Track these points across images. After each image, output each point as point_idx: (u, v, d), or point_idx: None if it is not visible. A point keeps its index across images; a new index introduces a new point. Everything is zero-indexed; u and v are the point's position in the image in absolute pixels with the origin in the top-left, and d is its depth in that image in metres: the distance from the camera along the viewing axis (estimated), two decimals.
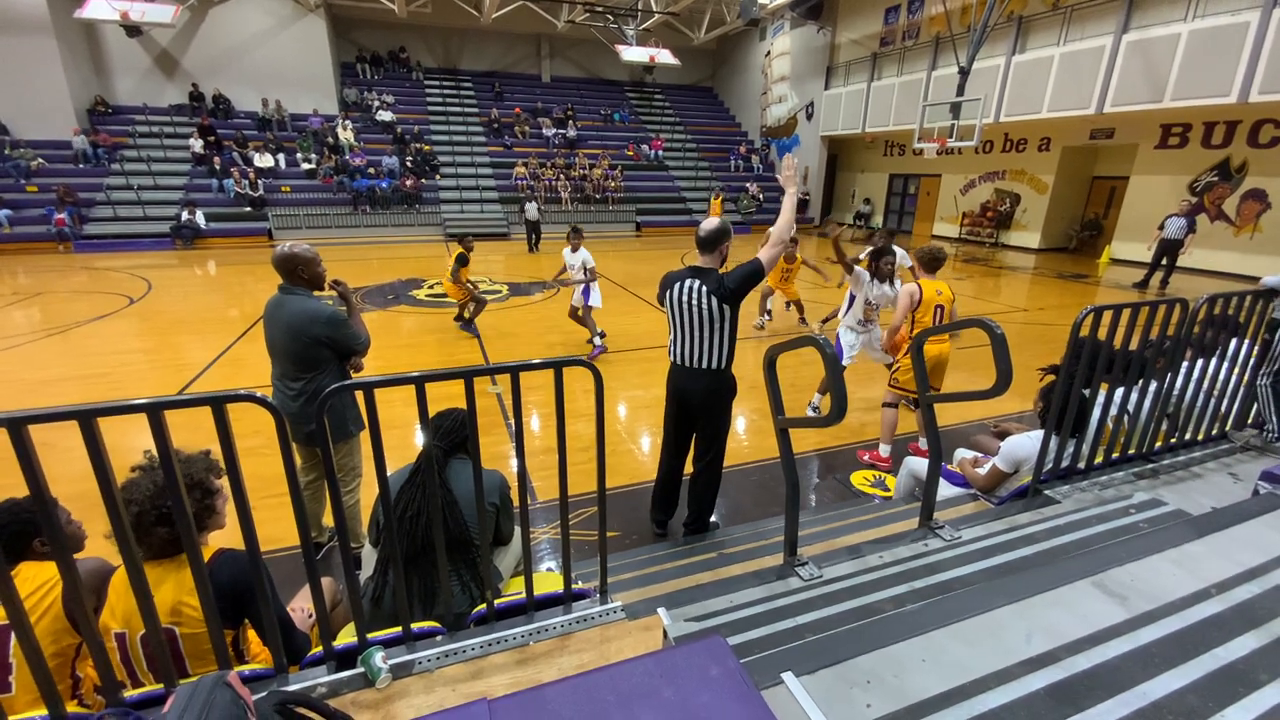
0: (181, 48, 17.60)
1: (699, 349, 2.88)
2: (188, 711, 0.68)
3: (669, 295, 2.92)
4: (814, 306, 8.93)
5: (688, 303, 2.82)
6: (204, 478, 1.57)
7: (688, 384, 2.96)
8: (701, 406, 2.99)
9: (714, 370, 2.90)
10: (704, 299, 2.78)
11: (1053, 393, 2.36)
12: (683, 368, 2.96)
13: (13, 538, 1.57)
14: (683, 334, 2.90)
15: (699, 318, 2.81)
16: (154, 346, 7.06)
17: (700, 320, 2.81)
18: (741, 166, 21.86)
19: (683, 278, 2.86)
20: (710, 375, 2.91)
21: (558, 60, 23.80)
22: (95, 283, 10.40)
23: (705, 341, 2.85)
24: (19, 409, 1.09)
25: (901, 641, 1.25)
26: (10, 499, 1.61)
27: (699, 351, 2.88)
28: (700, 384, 2.93)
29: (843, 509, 3.58)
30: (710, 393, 2.94)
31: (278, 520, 2.21)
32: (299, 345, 2.69)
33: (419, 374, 1.39)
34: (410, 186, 16.84)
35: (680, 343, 2.93)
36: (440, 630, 1.65)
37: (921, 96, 15.11)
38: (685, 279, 2.85)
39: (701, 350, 2.88)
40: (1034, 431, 2.59)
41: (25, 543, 1.61)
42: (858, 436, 4.59)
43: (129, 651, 1.48)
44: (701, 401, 2.97)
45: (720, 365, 2.89)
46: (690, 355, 2.91)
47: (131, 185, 15.09)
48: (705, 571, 2.36)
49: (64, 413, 1.12)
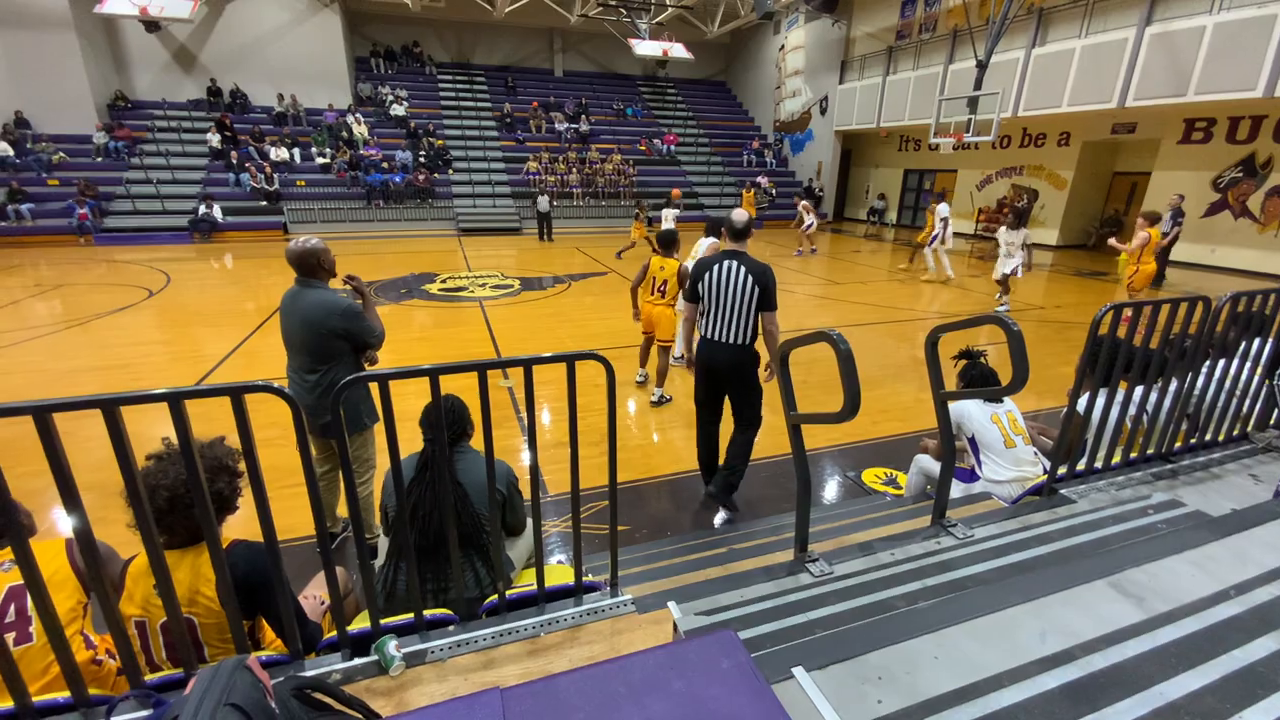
0: (199, 43, 17.79)
1: (731, 324, 3.20)
2: (209, 692, 0.70)
3: (707, 276, 3.21)
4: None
5: (728, 280, 3.15)
6: (229, 462, 1.60)
7: (718, 355, 3.28)
8: (729, 377, 3.33)
9: (741, 345, 3.22)
10: (743, 278, 3.12)
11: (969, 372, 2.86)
12: (714, 342, 3.27)
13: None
14: (719, 310, 3.21)
15: (735, 295, 3.14)
16: (172, 338, 7.18)
17: (736, 297, 3.14)
18: (754, 161, 21.73)
19: (719, 260, 3.19)
20: (737, 349, 3.23)
21: (570, 55, 23.76)
22: (115, 275, 10.58)
23: (738, 318, 3.17)
24: (44, 398, 1.12)
25: (914, 638, 1.25)
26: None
27: (730, 327, 3.20)
28: (728, 356, 3.25)
29: (854, 506, 3.57)
30: (738, 364, 3.28)
31: (291, 510, 2.24)
32: (316, 337, 2.72)
33: (432, 366, 1.40)
34: (423, 181, 16.93)
35: (714, 319, 3.24)
36: (453, 618, 1.66)
37: (938, 90, 14.92)
38: (723, 260, 3.18)
39: (733, 325, 3.19)
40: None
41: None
42: (870, 434, 4.56)
43: (149, 639, 1.51)
44: (729, 373, 3.31)
45: (747, 341, 3.22)
46: (722, 330, 3.22)
47: (150, 179, 15.30)
48: (715, 566, 2.36)
49: (88, 401, 1.14)
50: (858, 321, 8.02)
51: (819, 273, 11.78)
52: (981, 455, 2.84)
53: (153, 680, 1.39)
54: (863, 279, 11.21)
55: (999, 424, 2.83)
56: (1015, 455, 2.80)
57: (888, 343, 7.17)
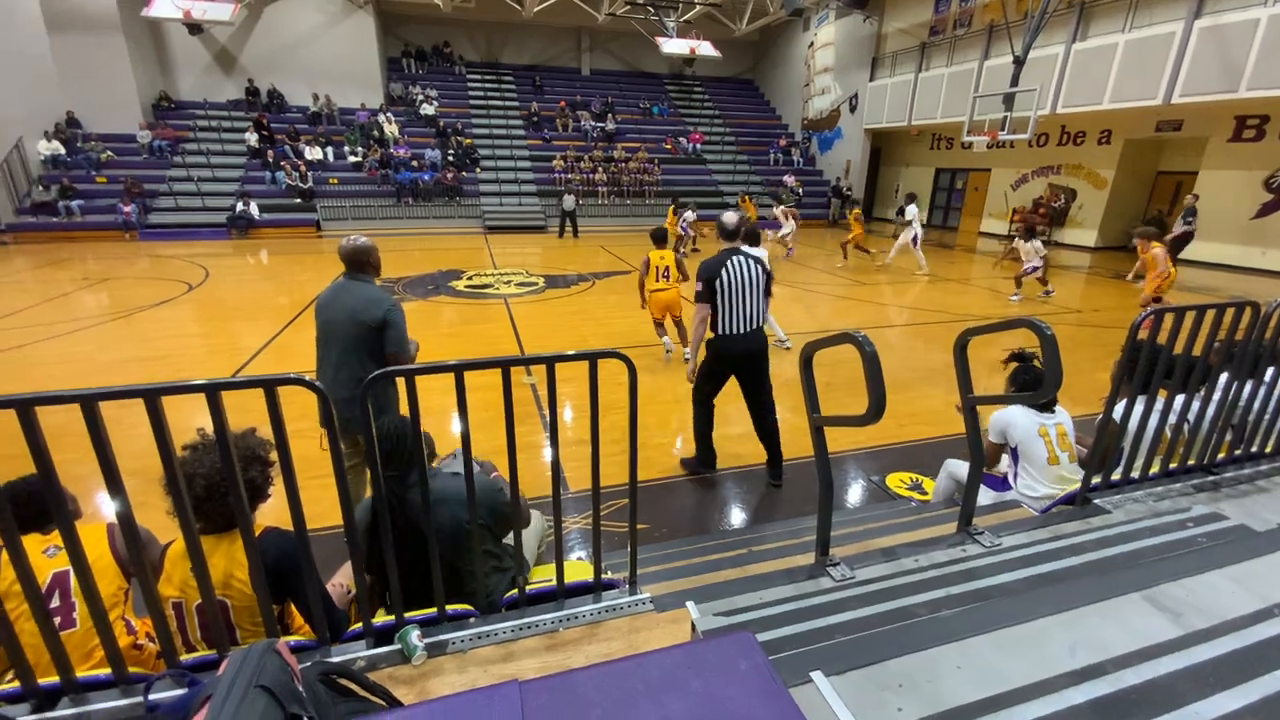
0: (239, 45, 18.32)
1: (752, 312, 3.54)
2: (241, 674, 0.72)
3: (723, 274, 3.47)
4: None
5: (742, 273, 3.49)
6: (261, 452, 1.65)
7: (743, 345, 3.56)
8: (756, 363, 3.64)
9: (760, 330, 3.62)
10: (754, 268, 3.53)
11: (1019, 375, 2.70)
12: (736, 335, 3.53)
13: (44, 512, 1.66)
14: (740, 302, 3.50)
15: (751, 285, 3.51)
16: (209, 331, 7.42)
17: (751, 286, 3.51)
18: (780, 160, 21.50)
19: (726, 257, 3.51)
20: (759, 334, 3.62)
21: (597, 53, 23.82)
22: (157, 270, 10.98)
23: (754, 305, 3.54)
24: (90, 387, 1.17)
25: (936, 646, 1.23)
26: (23, 478, 1.62)
27: (752, 314, 3.54)
28: (754, 343, 3.60)
29: (877, 510, 3.52)
30: (762, 349, 3.64)
31: (318, 500, 2.30)
32: (360, 329, 2.80)
33: (458, 362, 1.42)
34: (451, 179, 17.17)
35: (735, 312, 3.51)
36: (473, 613, 1.69)
37: (972, 87, 14.55)
38: (735, 256, 3.52)
39: (753, 313, 3.55)
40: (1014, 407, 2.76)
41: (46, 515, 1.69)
42: (895, 438, 4.48)
43: (185, 620, 1.57)
44: (756, 358, 3.62)
45: (762, 323, 3.64)
46: (743, 322, 3.52)
47: (191, 177, 15.83)
48: (734, 568, 2.35)
49: (131, 391, 1.19)
50: (884, 323, 7.89)
51: (844, 273, 11.62)
52: (1020, 467, 2.70)
53: (188, 660, 1.44)
54: (890, 279, 11.02)
55: (1046, 437, 2.66)
56: (1057, 473, 2.63)
57: (916, 345, 7.04)
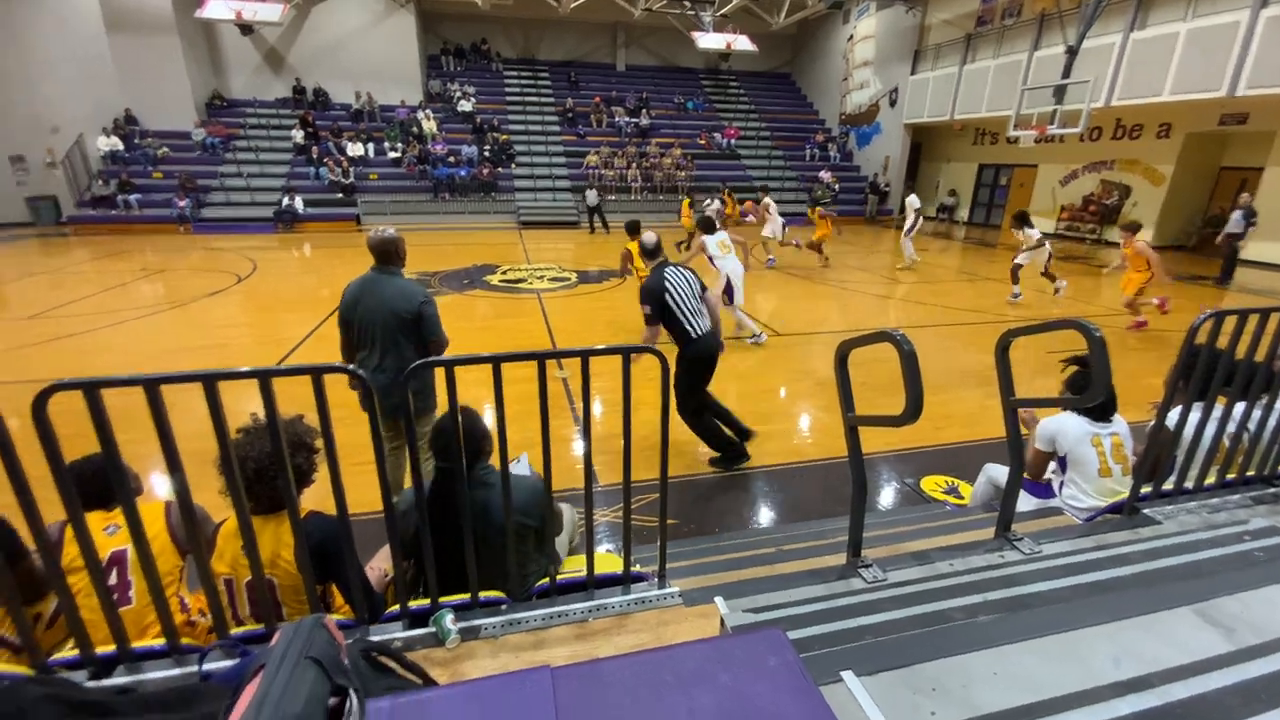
0: (287, 45, 18.93)
1: (703, 314, 3.82)
2: (292, 645, 0.76)
3: (669, 287, 3.73)
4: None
5: (686, 282, 3.81)
6: (308, 439, 1.72)
7: (714, 342, 3.83)
8: (717, 355, 3.88)
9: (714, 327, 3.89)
10: (690, 276, 3.87)
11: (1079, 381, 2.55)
12: (704, 336, 3.78)
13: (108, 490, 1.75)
14: (692, 308, 3.77)
15: (693, 291, 3.82)
16: (256, 321, 7.72)
17: (694, 291, 3.82)
18: (817, 155, 21.14)
19: (662, 272, 3.80)
20: (716, 329, 3.88)
21: (633, 49, 23.80)
22: (209, 262, 11.46)
23: (701, 305, 3.82)
24: (152, 372, 1.24)
25: (972, 652, 1.20)
26: (87, 457, 1.67)
27: (705, 316, 3.83)
28: (718, 338, 3.87)
29: (910, 513, 3.45)
30: (721, 342, 3.92)
31: (357, 486, 2.37)
32: (396, 319, 2.91)
33: (495, 355, 1.45)
34: (487, 175, 17.42)
35: (692, 317, 3.77)
36: (505, 600, 1.73)
37: (1021, 79, 14.02)
38: (667, 268, 3.84)
39: (705, 314, 3.83)
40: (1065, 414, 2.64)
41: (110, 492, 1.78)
42: (931, 440, 4.38)
43: (235, 596, 1.65)
44: (718, 351, 3.87)
45: (712, 323, 3.90)
46: (701, 322, 3.79)
47: (241, 173, 16.45)
48: (762, 565, 2.34)
49: (190, 376, 1.25)
50: (922, 322, 7.70)
51: (881, 271, 11.37)
52: (1068, 477, 2.59)
53: (237, 634, 1.51)
54: (928, 278, 10.74)
55: (1098, 448, 2.53)
56: (1108, 485, 2.51)
57: (955, 345, 6.85)
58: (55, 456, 1.22)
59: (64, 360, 5.94)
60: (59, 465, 1.23)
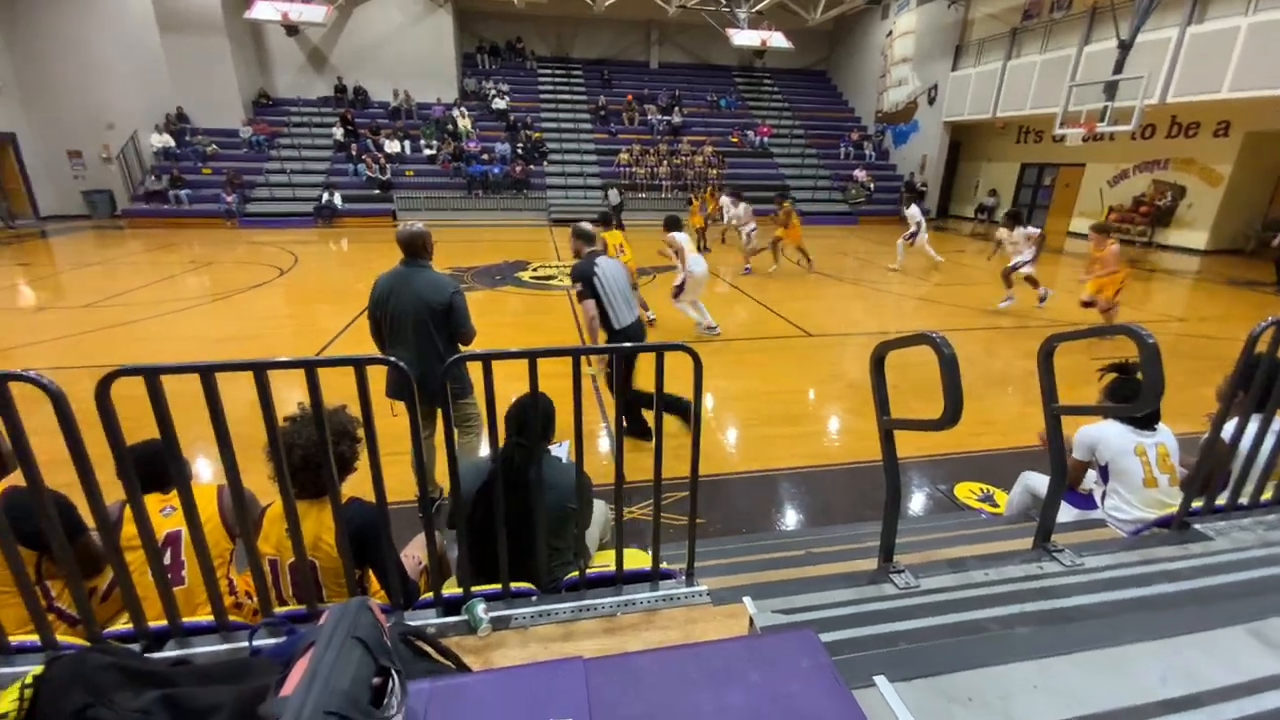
0: (330, 45, 19.45)
1: (630, 303, 3.96)
2: (340, 625, 0.79)
3: (598, 272, 3.83)
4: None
5: (615, 271, 3.92)
6: (350, 428, 1.77)
7: (638, 330, 4.01)
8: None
9: (639, 317, 4.06)
10: (621, 266, 4.04)
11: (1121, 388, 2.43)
12: (631, 324, 3.94)
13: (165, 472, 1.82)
14: (621, 296, 3.90)
15: (624, 280, 3.96)
16: (297, 313, 7.96)
17: (625, 282, 3.97)
18: (852, 154, 20.77)
19: (594, 260, 3.88)
20: (640, 320, 4.07)
21: (666, 46, 23.74)
22: (253, 255, 11.87)
23: (630, 297, 3.98)
24: (204, 360, 1.29)
25: (1010, 663, 1.17)
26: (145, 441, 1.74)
27: (631, 305, 3.96)
28: (641, 328, 4.07)
29: (944, 520, 3.38)
30: (644, 331, 4.16)
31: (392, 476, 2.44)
32: (428, 310, 2.98)
33: (530, 350, 1.47)
34: (519, 172, 17.61)
35: (621, 305, 3.89)
36: (534, 591, 1.75)
37: (1069, 75, 13.52)
38: (600, 258, 3.92)
39: (632, 303, 3.98)
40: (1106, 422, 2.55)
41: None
42: (967, 446, 4.28)
43: (279, 576, 1.71)
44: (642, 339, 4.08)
45: (638, 312, 4.08)
46: (630, 310, 3.94)
47: (284, 169, 16.97)
48: (791, 567, 2.33)
49: (242, 364, 1.30)
50: (960, 326, 7.51)
51: (917, 273, 11.12)
52: (1110, 487, 2.49)
53: (280, 613, 1.57)
54: (966, 281, 10.47)
55: (1143, 457, 2.44)
56: (1154, 496, 2.41)
57: (993, 350, 6.67)
58: (116, 439, 1.29)
59: (117, 347, 6.22)
60: (120, 447, 1.30)
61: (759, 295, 8.97)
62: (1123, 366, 2.58)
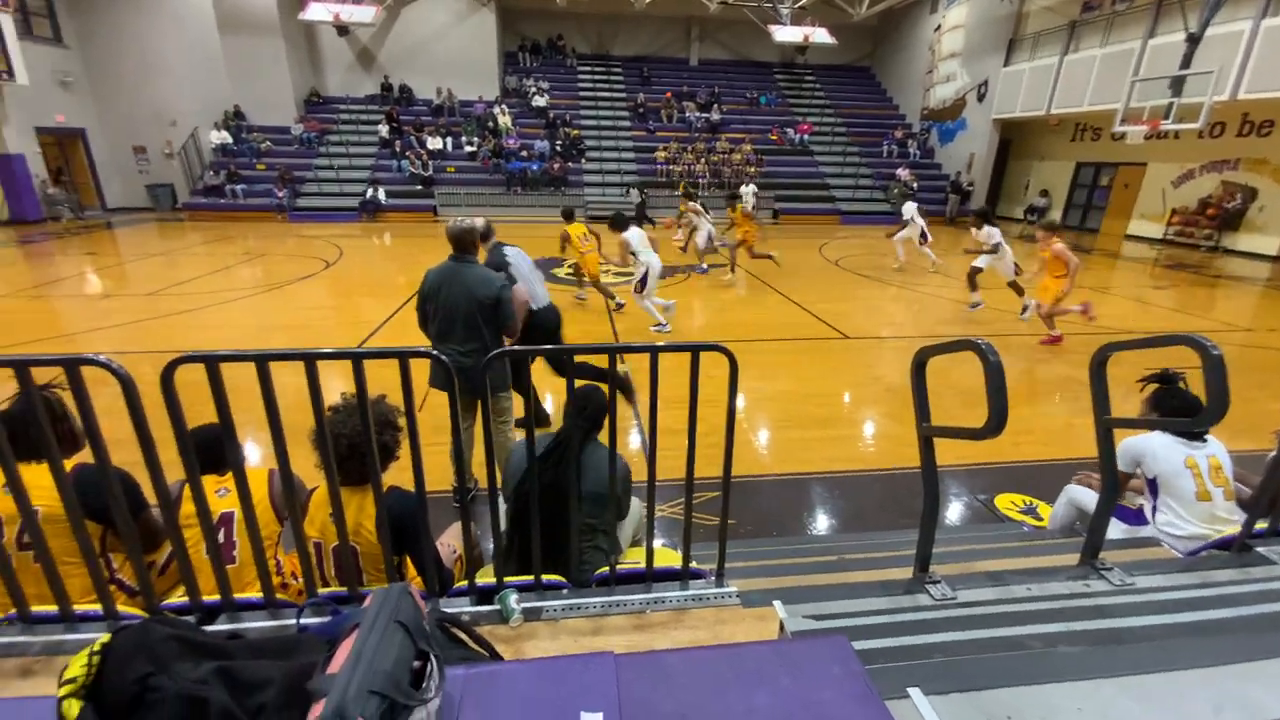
0: (378, 44, 19.99)
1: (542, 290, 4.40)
2: (383, 609, 0.82)
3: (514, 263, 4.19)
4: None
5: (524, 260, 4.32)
6: (392, 418, 1.83)
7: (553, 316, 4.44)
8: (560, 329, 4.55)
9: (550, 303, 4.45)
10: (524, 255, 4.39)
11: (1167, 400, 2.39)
12: (544, 309, 4.31)
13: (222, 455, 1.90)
14: (535, 279, 4.33)
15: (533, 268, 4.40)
16: (341, 305, 8.22)
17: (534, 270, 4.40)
18: (895, 152, 20.25)
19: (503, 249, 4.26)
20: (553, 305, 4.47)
21: (707, 43, 23.57)
22: (302, 248, 12.30)
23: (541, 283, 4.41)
24: (259, 349, 1.35)
25: (1053, 683, 1.13)
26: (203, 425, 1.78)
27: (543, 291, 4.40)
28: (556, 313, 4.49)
29: (982, 531, 3.28)
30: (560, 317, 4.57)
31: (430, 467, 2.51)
32: (477, 304, 3.07)
33: (571, 346, 1.49)
34: (557, 170, 17.77)
35: (538, 288, 4.32)
36: (565, 584, 1.78)
37: (1131, 70, 12.88)
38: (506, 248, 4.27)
39: (543, 290, 4.39)
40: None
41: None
42: (1008, 456, 4.13)
43: (323, 559, 1.78)
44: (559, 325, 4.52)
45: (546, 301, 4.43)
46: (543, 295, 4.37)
47: (332, 165, 17.55)
48: (823, 573, 2.29)
49: (294, 354, 1.36)
50: (1004, 331, 7.26)
51: (960, 275, 10.77)
52: (1161, 501, 2.38)
53: (323, 593, 1.63)
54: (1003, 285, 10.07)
55: (1194, 470, 2.32)
56: (1208, 510, 2.29)
57: (1039, 357, 6.42)
58: (179, 422, 1.36)
59: (176, 334, 6.54)
60: (182, 430, 1.37)
61: (795, 295, 8.85)
62: (1165, 376, 2.48)
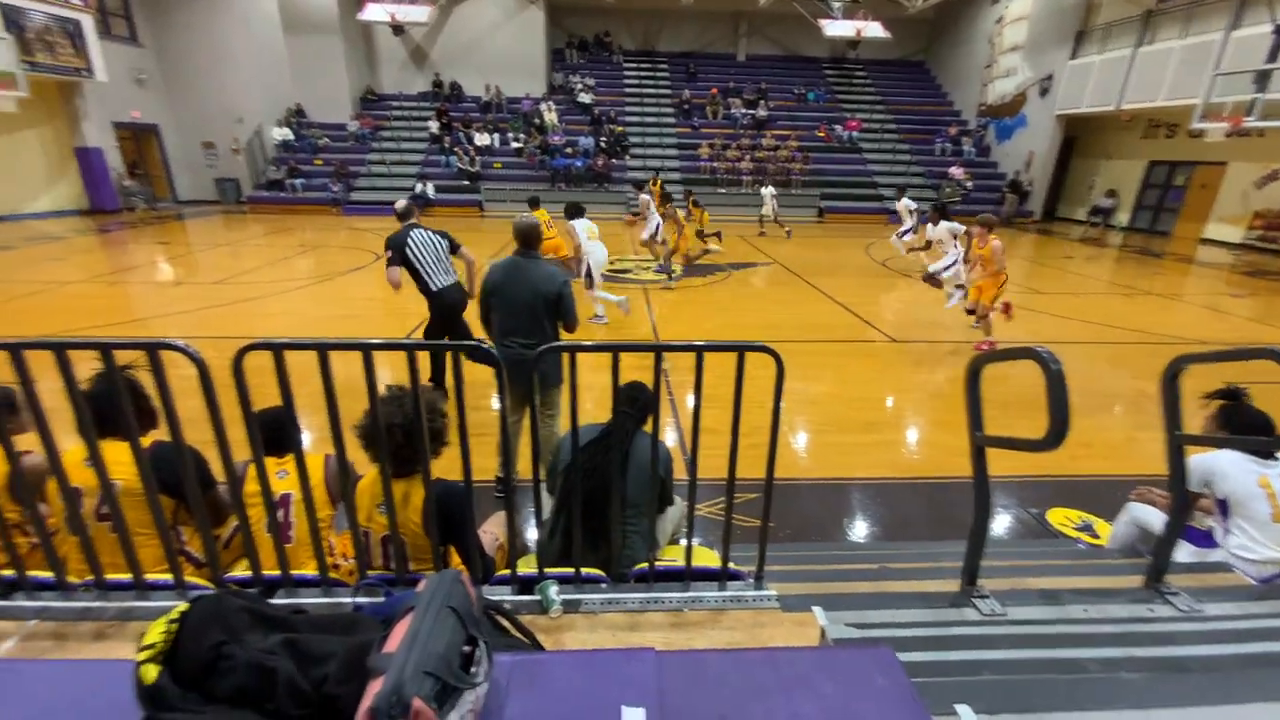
0: (430, 43, 20.52)
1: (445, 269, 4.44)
2: (436, 594, 0.85)
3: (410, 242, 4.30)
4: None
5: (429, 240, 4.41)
6: (441, 405, 1.88)
7: (454, 296, 4.40)
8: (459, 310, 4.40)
9: (457, 282, 4.49)
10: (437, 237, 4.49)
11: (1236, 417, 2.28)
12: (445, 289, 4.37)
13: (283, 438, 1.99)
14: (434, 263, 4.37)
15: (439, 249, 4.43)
16: (388, 296, 8.45)
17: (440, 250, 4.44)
18: (948, 150, 19.55)
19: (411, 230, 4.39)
20: (458, 285, 4.48)
21: (754, 38, 23.26)
22: (354, 241, 12.76)
23: (445, 264, 4.45)
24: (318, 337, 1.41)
25: (1113, 710, 1.08)
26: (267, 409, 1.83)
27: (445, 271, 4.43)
28: (457, 294, 4.43)
29: (1034, 547, 3.15)
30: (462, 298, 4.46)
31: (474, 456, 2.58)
32: (541, 299, 3.15)
33: (617, 343, 1.50)
34: (601, 166, 17.87)
35: (435, 270, 4.35)
36: (604, 578, 1.79)
37: (1212, 63, 12.06)
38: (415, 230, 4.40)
39: (446, 270, 4.43)
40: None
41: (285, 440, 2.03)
42: (1065, 470, 3.95)
43: (370, 548, 1.85)
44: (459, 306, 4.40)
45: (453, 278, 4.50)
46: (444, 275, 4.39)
47: (385, 161, 18.12)
48: (864, 581, 2.24)
49: (353, 344, 1.41)
50: (1063, 339, 6.93)
51: (1018, 279, 10.33)
52: (1233, 523, 2.25)
53: (374, 575, 1.70)
54: (1073, 289, 9.63)
55: (1269, 490, 2.19)
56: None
57: (1099, 367, 6.11)
58: (248, 406, 1.44)
59: (239, 321, 6.89)
60: (249, 412, 1.45)
61: (840, 295, 8.67)
62: (1231, 392, 2.37)
